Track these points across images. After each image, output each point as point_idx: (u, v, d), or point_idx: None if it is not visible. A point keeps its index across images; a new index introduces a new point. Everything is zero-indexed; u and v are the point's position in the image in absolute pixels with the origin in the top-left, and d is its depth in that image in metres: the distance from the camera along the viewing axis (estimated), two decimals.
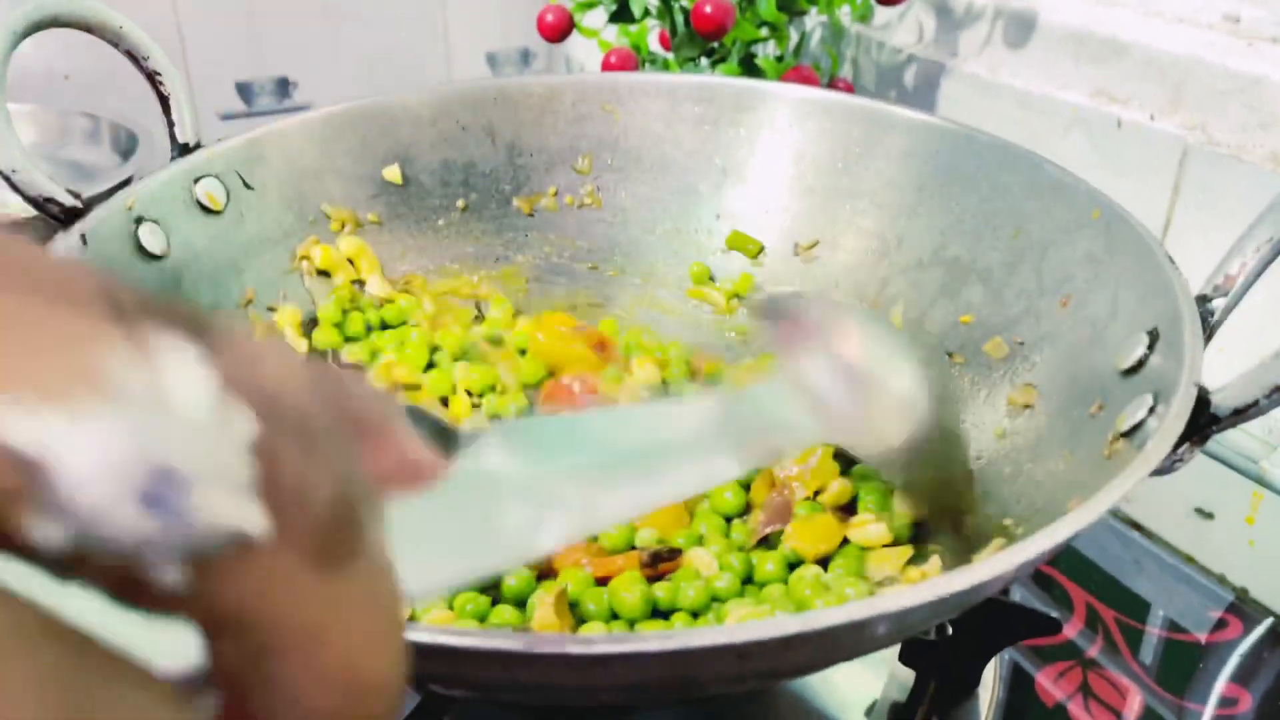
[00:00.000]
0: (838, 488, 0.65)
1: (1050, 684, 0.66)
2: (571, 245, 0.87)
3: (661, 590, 0.59)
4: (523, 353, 0.78)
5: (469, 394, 0.76)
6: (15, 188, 0.64)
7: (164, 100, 0.72)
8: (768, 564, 0.62)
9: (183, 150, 0.73)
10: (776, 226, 0.83)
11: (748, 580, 0.63)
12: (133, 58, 0.71)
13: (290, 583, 0.17)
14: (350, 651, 0.18)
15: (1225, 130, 0.81)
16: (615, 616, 0.59)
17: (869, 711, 0.61)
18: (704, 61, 1.02)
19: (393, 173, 0.83)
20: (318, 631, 0.18)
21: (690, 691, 0.48)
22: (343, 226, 0.81)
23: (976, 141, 0.74)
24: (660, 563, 0.61)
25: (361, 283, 0.81)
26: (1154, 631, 0.70)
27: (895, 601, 0.39)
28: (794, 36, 1.10)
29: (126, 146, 1.17)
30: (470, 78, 0.90)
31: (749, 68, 1.01)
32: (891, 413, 0.48)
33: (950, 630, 0.61)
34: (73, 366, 0.16)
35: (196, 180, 0.73)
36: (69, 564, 0.16)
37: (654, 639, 0.37)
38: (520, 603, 0.60)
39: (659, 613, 0.59)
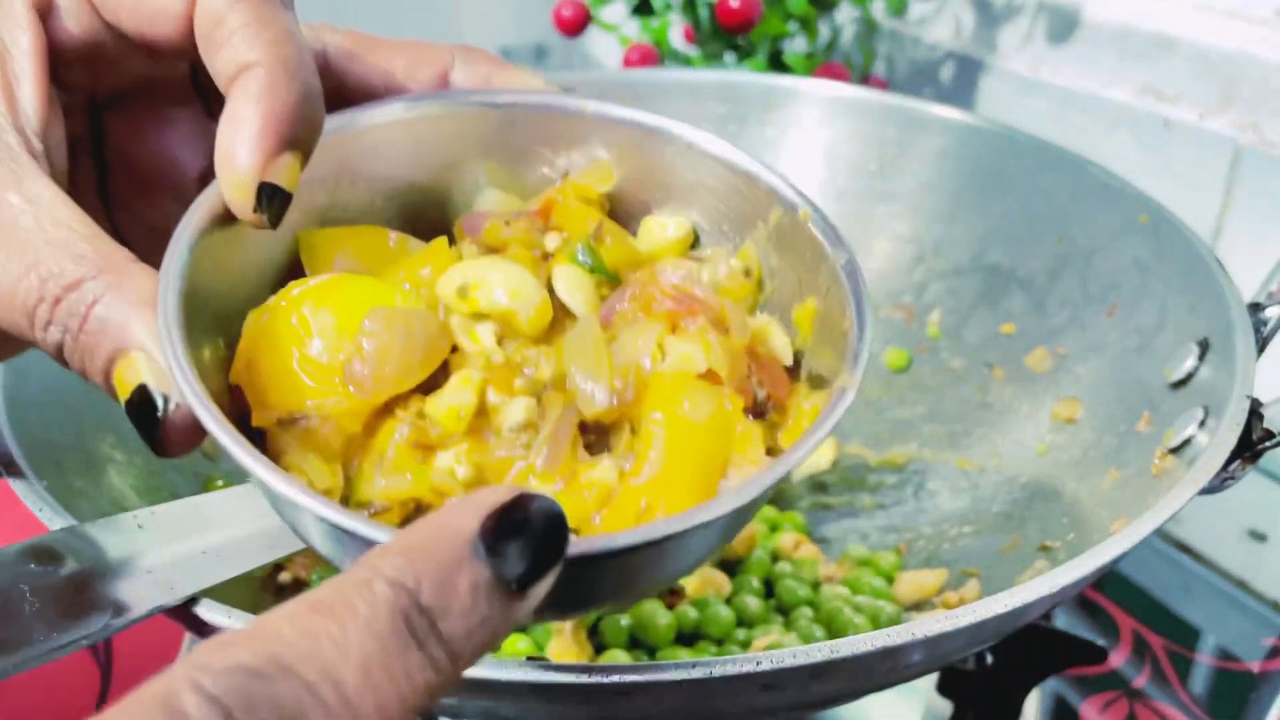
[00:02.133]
0: None
1: (1095, 715, 0.66)
2: None
3: (685, 616, 0.59)
4: None
5: None
6: None
7: None
8: (792, 586, 0.62)
9: None
10: None
11: (768, 595, 0.63)
12: None
13: None
14: None
15: (1279, 130, 0.81)
16: (635, 644, 0.59)
17: None
18: (729, 58, 1.02)
19: None
20: None
21: None
22: None
23: (1017, 142, 0.74)
24: (670, 594, 0.61)
25: None
26: (1204, 660, 0.69)
27: (930, 627, 0.39)
28: (825, 32, 1.10)
29: None
30: None
31: (777, 64, 1.01)
32: None
33: (990, 659, 0.61)
34: None
35: None
36: None
37: (676, 669, 0.37)
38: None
39: (681, 639, 0.59)
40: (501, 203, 0.45)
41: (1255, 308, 0.56)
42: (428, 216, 0.45)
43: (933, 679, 0.62)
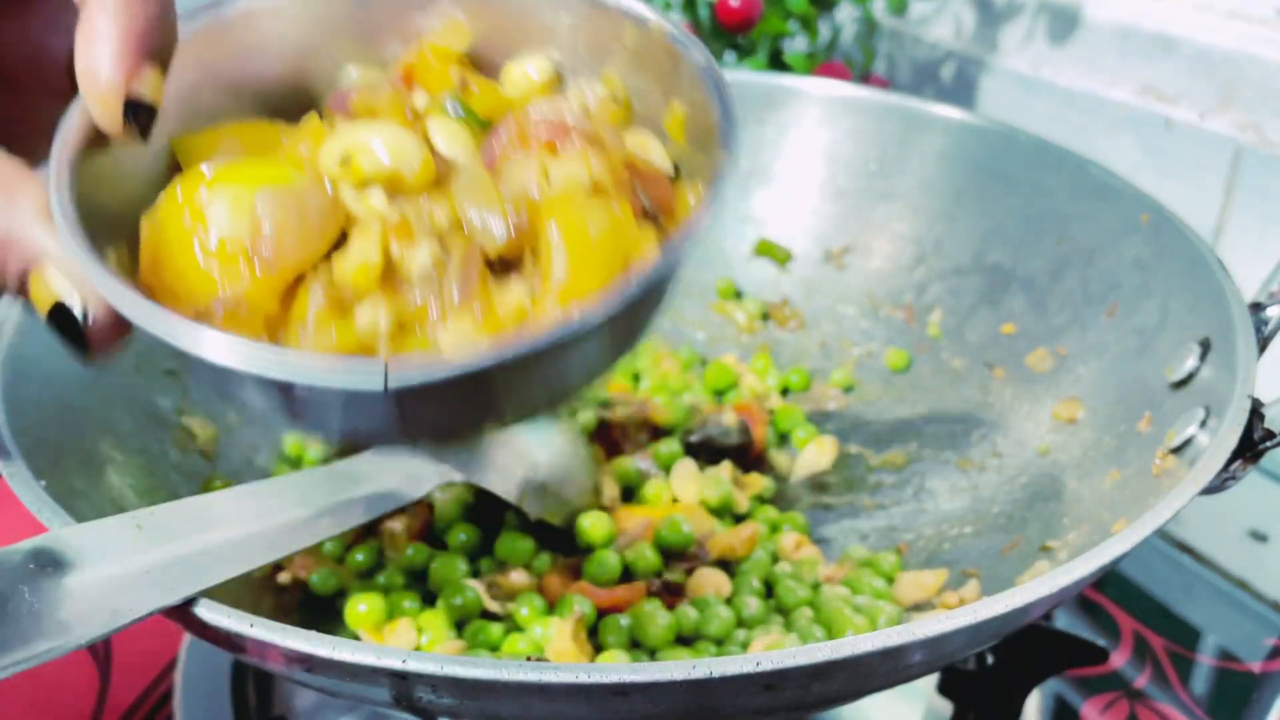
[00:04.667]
0: None
1: (1096, 716, 0.66)
2: None
3: (685, 617, 0.59)
4: None
5: None
6: None
7: None
8: (792, 586, 0.62)
9: None
10: (806, 231, 0.83)
11: (768, 595, 0.63)
12: None
13: None
14: None
15: (1279, 130, 0.80)
16: (635, 645, 0.59)
17: None
18: (730, 57, 1.02)
19: None
20: None
21: None
22: None
23: (1018, 142, 0.74)
24: (670, 594, 0.61)
25: None
26: (1205, 660, 0.69)
27: (931, 628, 0.39)
28: (825, 31, 1.10)
29: None
30: None
31: (777, 63, 1.01)
32: (514, 458, 0.63)
33: (990, 659, 0.61)
34: None
35: None
36: None
37: (676, 668, 0.37)
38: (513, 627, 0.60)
39: (681, 639, 0.59)
40: (363, 78, 0.47)
41: (1256, 307, 0.56)
42: (296, 109, 0.46)
43: (933, 679, 0.62)
